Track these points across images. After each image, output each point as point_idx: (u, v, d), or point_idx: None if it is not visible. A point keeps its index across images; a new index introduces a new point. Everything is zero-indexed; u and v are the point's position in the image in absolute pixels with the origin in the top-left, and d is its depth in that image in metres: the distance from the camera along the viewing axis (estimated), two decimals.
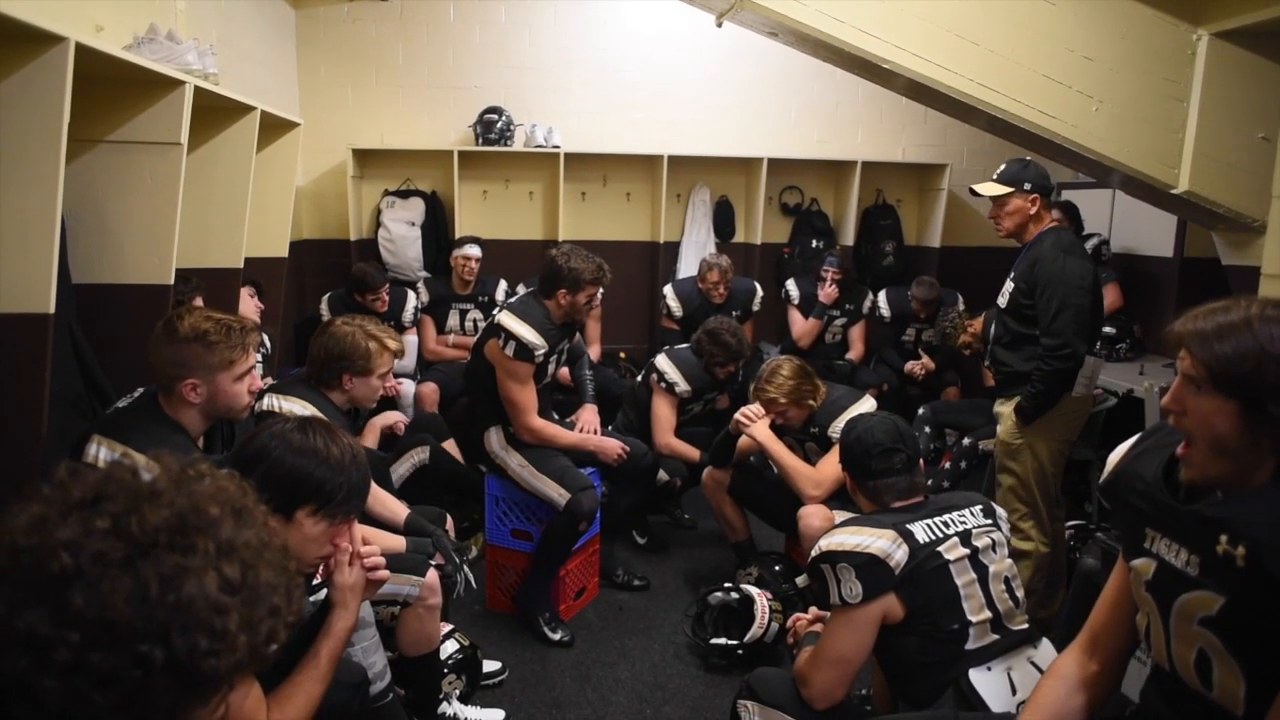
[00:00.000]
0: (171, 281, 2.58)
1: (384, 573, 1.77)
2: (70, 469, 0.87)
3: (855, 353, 5.11)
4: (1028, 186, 3.00)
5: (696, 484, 3.64)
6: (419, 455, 3.65)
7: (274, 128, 3.59)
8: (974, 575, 1.82)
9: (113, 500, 0.82)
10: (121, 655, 0.77)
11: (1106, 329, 4.56)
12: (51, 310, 1.98)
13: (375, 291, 4.51)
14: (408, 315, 4.72)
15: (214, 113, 3.03)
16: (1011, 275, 3.11)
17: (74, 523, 0.80)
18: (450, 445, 3.73)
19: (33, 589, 0.78)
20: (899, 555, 1.77)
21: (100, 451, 1.89)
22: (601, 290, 3.19)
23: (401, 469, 3.63)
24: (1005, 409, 3.10)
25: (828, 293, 4.93)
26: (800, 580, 3.13)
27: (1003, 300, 3.13)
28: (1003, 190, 3.03)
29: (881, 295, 5.12)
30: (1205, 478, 1.26)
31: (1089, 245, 4.81)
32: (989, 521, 1.93)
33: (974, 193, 3.17)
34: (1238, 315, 1.19)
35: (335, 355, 2.58)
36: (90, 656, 0.76)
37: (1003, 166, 3.09)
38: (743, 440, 3.28)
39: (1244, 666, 1.20)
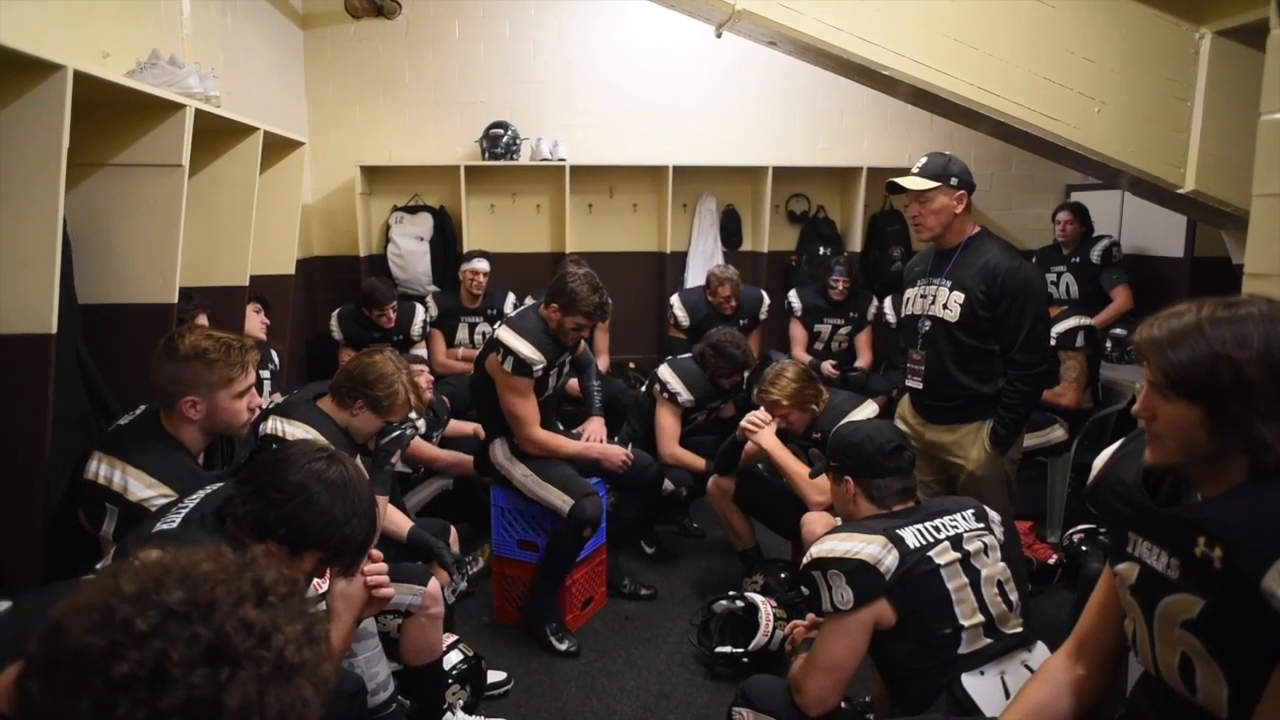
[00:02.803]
0: (175, 300, 2.62)
1: (387, 591, 1.78)
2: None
3: (864, 360, 5.09)
4: (954, 182, 2.71)
5: (703, 493, 3.64)
6: (443, 481, 3.67)
7: (279, 147, 3.64)
8: (966, 579, 1.82)
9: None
10: None
11: (1117, 330, 4.53)
12: (53, 331, 2.01)
13: (382, 307, 4.56)
14: (416, 329, 4.77)
15: (218, 134, 3.07)
16: (944, 284, 2.78)
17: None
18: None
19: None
20: (889, 560, 1.77)
21: (101, 468, 1.93)
22: (597, 322, 3.20)
23: (424, 492, 3.66)
24: (953, 436, 2.83)
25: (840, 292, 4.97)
26: (802, 588, 3.12)
27: (949, 314, 2.75)
28: (927, 185, 2.70)
29: (887, 301, 5.10)
30: (1168, 466, 1.27)
31: (1100, 247, 4.78)
32: (981, 525, 1.92)
33: (893, 188, 2.80)
34: (1190, 320, 1.20)
35: (366, 380, 2.55)
36: None
37: (923, 160, 2.78)
38: (748, 447, 3.28)
39: (1226, 669, 1.19)
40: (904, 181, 2.76)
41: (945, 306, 2.77)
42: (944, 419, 2.86)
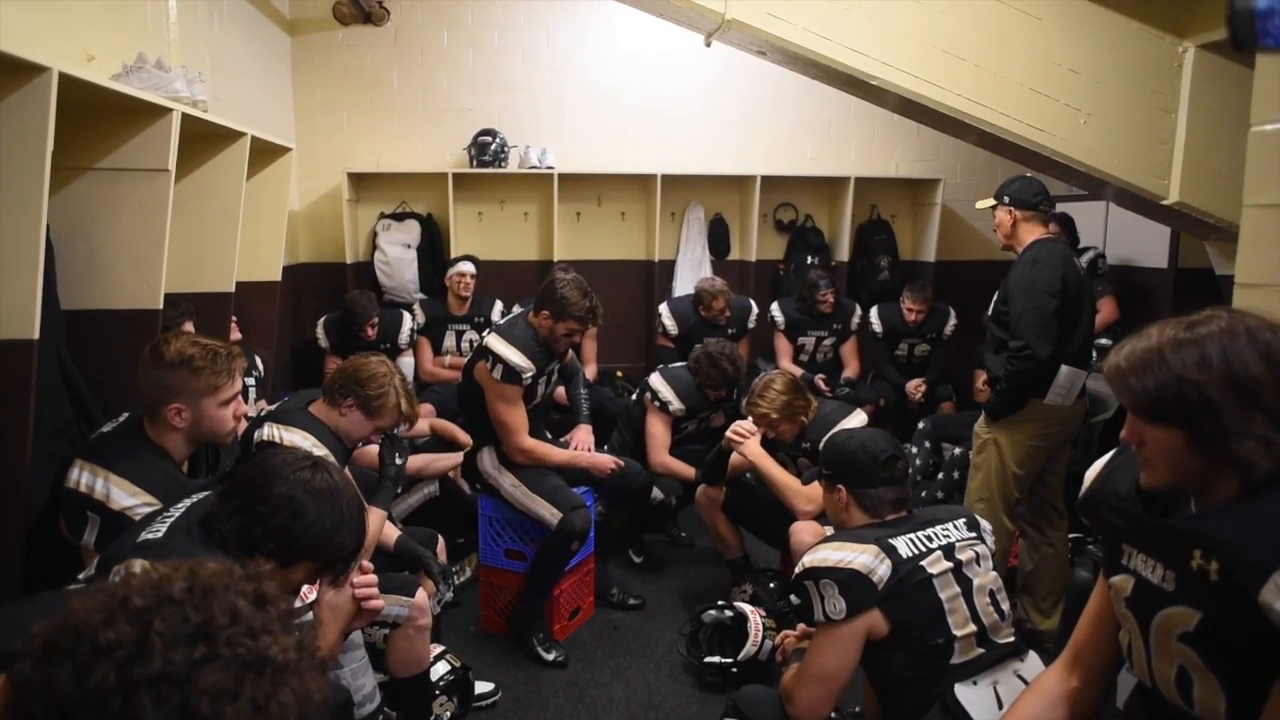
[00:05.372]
0: (160, 306, 2.59)
1: (377, 603, 1.76)
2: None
3: (851, 369, 5.09)
4: (1006, 200, 3.12)
5: (692, 502, 3.62)
6: (430, 488, 3.63)
7: (266, 153, 3.62)
8: (958, 589, 1.82)
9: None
10: None
11: (1103, 340, 4.55)
12: (36, 336, 1.98)
13: (361, 325, 4.53)
14: (403, 337, 4.74)
15: (205, 139, 3.05)
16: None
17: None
18: None
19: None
20: (882, 570, 1.76)
21: (82, 476, 1.90)
22: (588, 329, 3.19)
23: (411, 499, 3.62)
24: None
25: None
26: (793, 597, 3.11)
27: (990, 309, 3.21)
28: (987, 203, 3.21)
29: (873, 311, 5.12)
30: (1165, 487, 1.27)
31: (1085, 258, 4.81)
32: (973, 535, 1.92)
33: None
34: (1153, 344, 1.20)
35: (358, 378, 2.55)
36: None
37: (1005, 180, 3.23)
38: (735, 457, 3.27)
39: (1223, 682, 1.19)
40: (978, 203, 3.33)
41: (993, 302, 3.19)
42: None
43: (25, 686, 0.79)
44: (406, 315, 4.82)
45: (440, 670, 2.62)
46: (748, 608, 2.99)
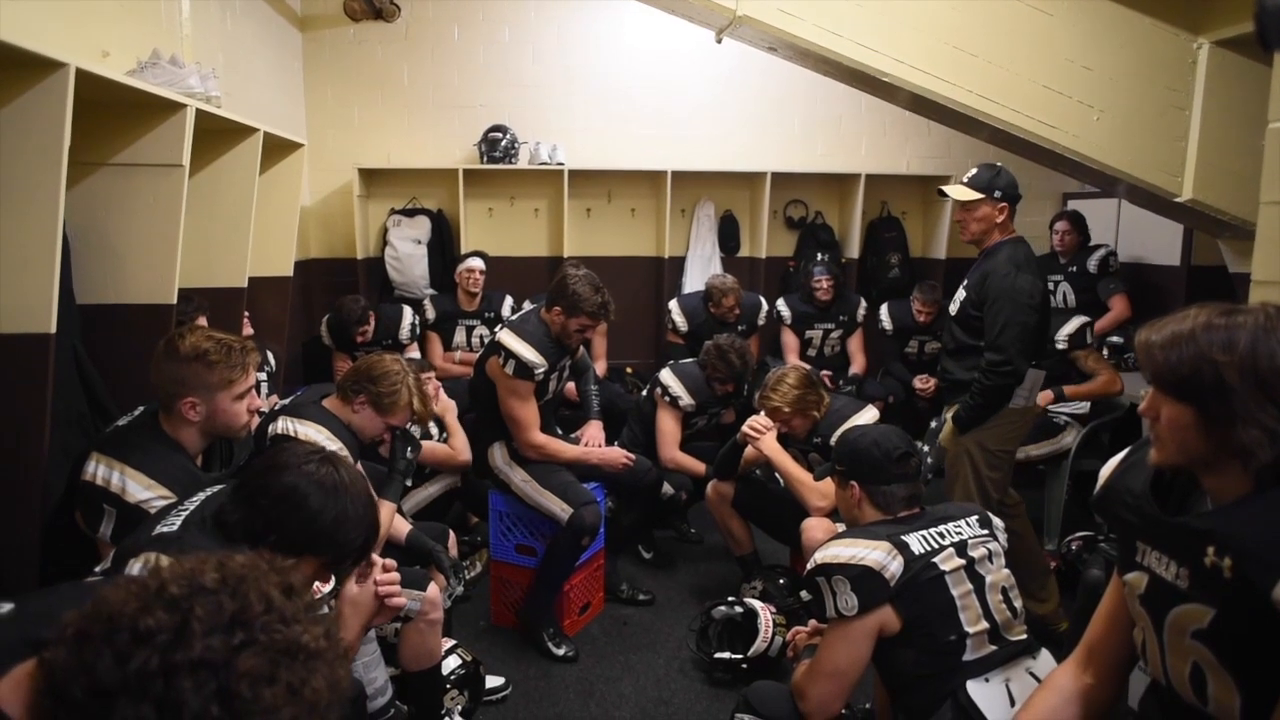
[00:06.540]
0: (174, 301, 2.60)
1: (399, 600, 1.75)
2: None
3: (858, 365, 5.08)
4: (998, 194, 2.96)
5: (702, 498, 3.63)
6: (452, 478, 3.65)
7: (278, 148, 3.62)
8: (970, 586, 1.82)
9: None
10: None
11: (1114, 338, 4.54)
12: (53, 330, 2.00)
13: (349, 331, 4.54)
14: (404, 332, 4.75)
15: (218, 135, 3.06)
16: (964, 284, 3.09)
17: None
18: None
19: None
20: (894, 567, 1.76)
21: (99, 469, 1.91)
22: (600, 324, 3.19)
23: (432, 489, 3.63)
24: (948, 414, 3.12)
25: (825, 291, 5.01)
26: (805, 593, 3.12)
27: (953, 309, 3.13)
28: (973, 196, 2.98)
29: (883, 308, 5.10)
30: (1170, 466, 1.29)
31: (1097, 256, 4.79)
32: (985, 532, 1.92)
33: (941, 194, 3.19)
34: (1187, 325, 1.21)
35: (371, 376, 2.55)
36: None
37: (974, 171, 3.05)
38: (748, 452, 3.28)
39: (1238, 680, 1.18)
40: (951, 191, 3.07)
41: (955, 302, 3.13)
42: (945, 398, 3.29)
43: (62, 672, 0.81)
44: (407, 310, 4.83)
45: (451, 664, 2.64)
46: (758, 604, 3.00)
